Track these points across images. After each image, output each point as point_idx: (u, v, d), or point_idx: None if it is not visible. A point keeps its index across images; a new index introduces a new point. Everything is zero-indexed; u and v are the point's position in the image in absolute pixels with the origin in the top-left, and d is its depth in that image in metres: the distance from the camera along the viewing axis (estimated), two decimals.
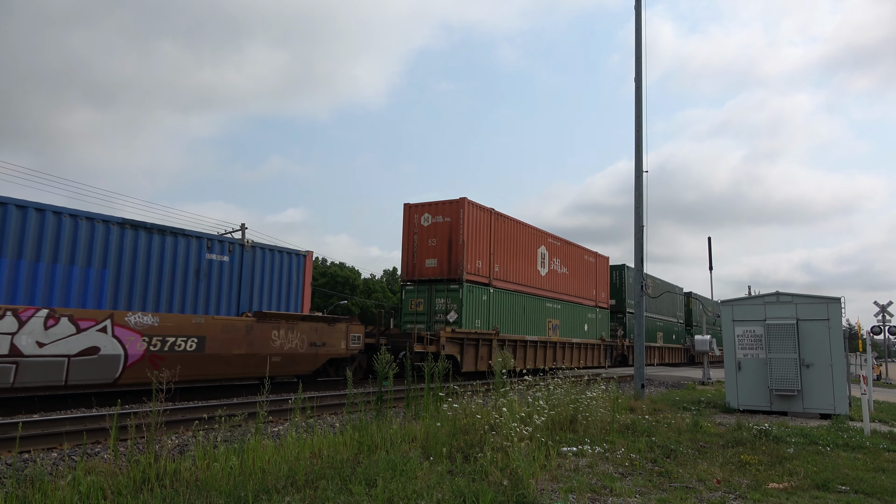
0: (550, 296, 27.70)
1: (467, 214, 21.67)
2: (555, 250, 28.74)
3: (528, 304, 25.50)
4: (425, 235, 22.28)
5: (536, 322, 26.08)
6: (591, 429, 9.64)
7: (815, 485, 6.96)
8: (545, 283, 27.33)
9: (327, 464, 6.52)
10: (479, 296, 22.00)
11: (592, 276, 32.94)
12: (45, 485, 5.27)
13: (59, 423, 8.84)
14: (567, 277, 29.62)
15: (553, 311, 27.98)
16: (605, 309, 34.41)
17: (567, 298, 29.42)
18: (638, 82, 18.07)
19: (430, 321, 21.28)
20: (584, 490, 6.24)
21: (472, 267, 21.74)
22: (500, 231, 23.76)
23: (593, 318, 32.45)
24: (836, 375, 13.67)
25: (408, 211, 22.84)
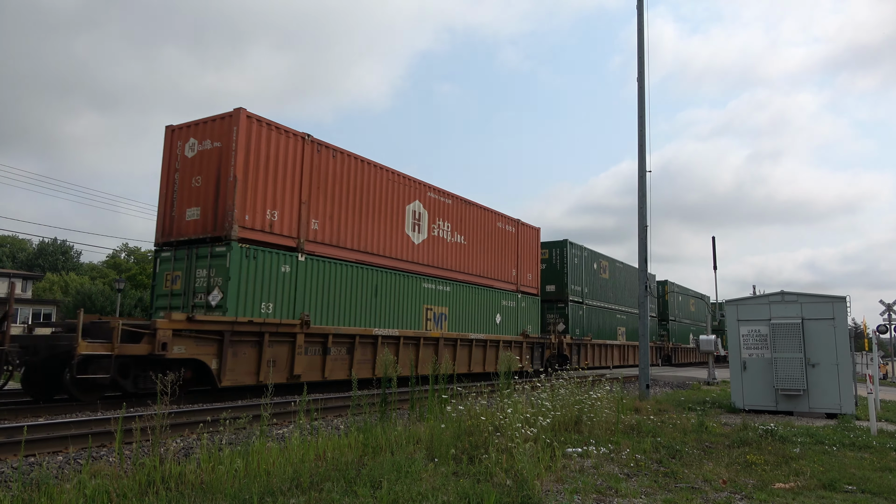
0: (431, 273, 20.11)
1: (246, 135, 14.30)
2: (441, 210, 21.00)
3: (385, 284, 18.06)
4: (189, 171, 15.04)
5: (403, 310, 18.82)
6: (596, 429, 9.62)
7: (822, 484, 6.93)
8: (421, 254, 19.78)
9: (332, 466, 6.52)
10: (270, 265, 14.63)
11: (511, 252, 25.24)
12: (51, 488, 5.28)
13: (64, 427, 8.86)
14: (465, 250, 22.03)
15: (436, 294, 20.31)
16: (531, 296, 26.60)
17: (464, 278, 21.85)
18: (640, 82, 18.05)
19: (188, 303, 14.33)
20: (589, 491, 6.23)
21: (257, 219, 14.52)
22: (327, 171, 16.46)
23: (512, 306, 24.83)
24: (842, 375, 13.63)
25: (169, 138, 15.61)
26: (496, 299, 23.90)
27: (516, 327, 25.02)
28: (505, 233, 24.96)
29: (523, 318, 25.67)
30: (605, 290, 34.16)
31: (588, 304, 31.39)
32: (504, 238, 24.86)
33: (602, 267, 34.09)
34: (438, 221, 20.82)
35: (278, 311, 14.80)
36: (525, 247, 26.38)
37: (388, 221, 18.58)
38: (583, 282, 31.23)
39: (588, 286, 31.59)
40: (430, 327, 20.02)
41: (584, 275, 31.56)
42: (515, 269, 25.45)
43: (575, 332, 29.56)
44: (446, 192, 21.50)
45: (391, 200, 18.84)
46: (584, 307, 30.93)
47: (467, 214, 22.57)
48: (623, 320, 36.64)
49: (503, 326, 24.15)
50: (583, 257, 31.60)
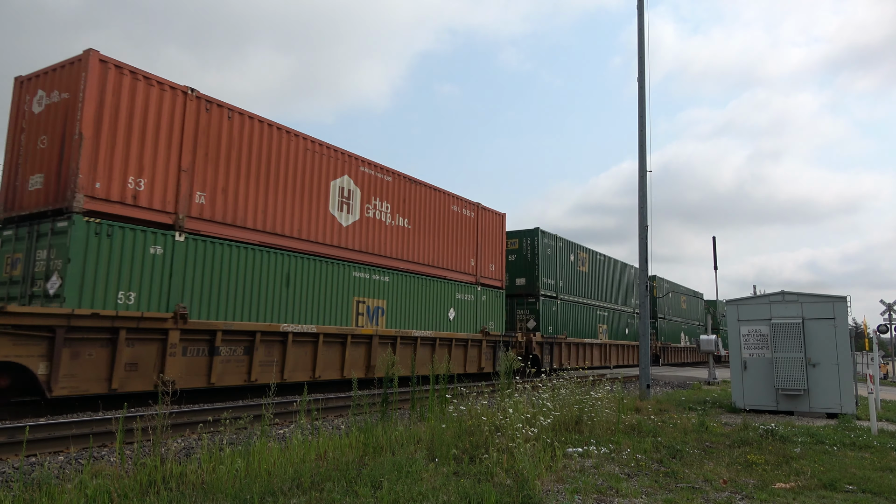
0: (364, 260, 17.22)
1: (99, 85, 11.51)
2: (378, 188, 17.95)
3: (301, 272, 15.16)
4: (35, 131, 12.25)
5: (327, 303, 15.84)
6: (597, 429, 9.63)
7: (822, 484, 6.93)
8: (351, 238, 16.80)
9: (333, 466, 6.52)
10: (134, 246, 11.85)
11: (470, 239, 22.11)
12: (52, 488, 5.29)
13: (65, 427, 8.87)
14: (409, 235, 19.08)
15: (371, 285, 17.40)
16: (495, 289, 23.47)
17: (408, 267, 18.90)
18: (641, 82, 18.06)
19: (27, 292, 11.42)
20: (589, 491, 6.23)
21: (114, 188, 11.68)
22: (219, 134, 13.58)
23: (470, 300, 21.70)
24: (843, 374, 13.62)
25: (18, 91, 12.88)
26: (449, 292, 20.70)
27: (475, 324, 21.83)
28: (462, 217, 21.75)
29: (484, 313, 22.53)
30: (584, 284, 31.07)
31: (563, 299, 28.58)
32: (460, 223, 21.66)
33: (580, 259, 31.18)
34: (374, 201, 17.73)
35: (144, 303, 11.86)
36: (487, 234, 23.27)
37: (305, 199, 15.40)
38: (557, 275, 28.14)
39: (563, 280, 28.70)
40: (363, 323, 16.91)
41: (559, 267, 28.58)
42: (474, 259, 22.19)
43: (547, 329, 26.32)
44: (385, 167, 18.35)
45: (310, 174, 15.68)
46: (558, 302, 27.93)
47: (413, 195, 19.43)
48: (605, 317, 33.30)
49: (458, 323, 21.04)
50: (557, 248, 28.49)
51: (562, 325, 27.91)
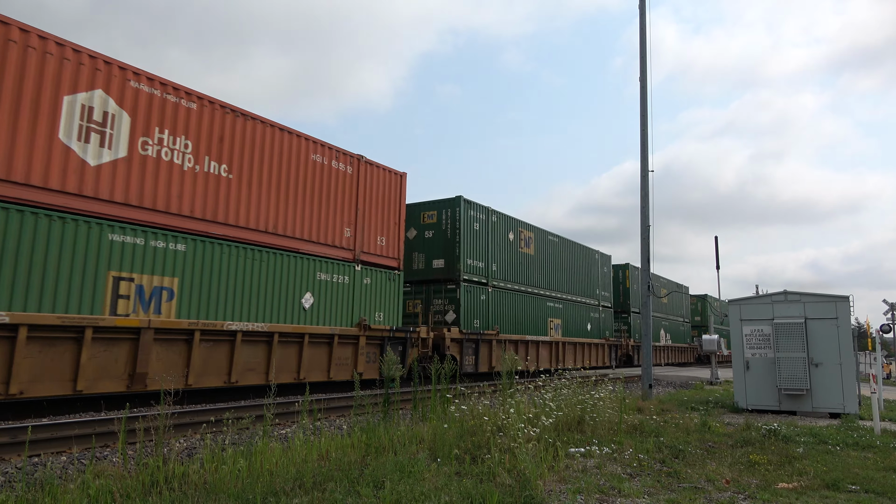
0: (135, 218, 11.92)
1: None
2: (167, 116, 12.72)
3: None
4: None
5: (59, 281, 10.65)
6: (599, 429, 9.62)
7: (825, 484, 6.92)
8: (107, 184, 11.60)
9: (335, 466, 6.53)
10: None
11: (345, 202, 16.75)
12: (55, 488, 5.30)
13: (68, 427, 8.88)
14: (232, 188, 13.84)
15: (148, 255, 12.11)
16: (386, 269, 17.96)
17: (227, 233, 13.63)
18: (643, 81, 18.04)
19: None
20: (592, 491, 6.23)
21: None
22: None
23: (342, 283, 16.31)
24: (846, 374, 13.60)
25: None
26: (304, 270, 15.23)
27: (349, 314, 16.38)
28: (330, 172, 16.32)
29: (367, 301, 17.05)
30: (529, 269, 25.64)
31: (498, 286, 23.29)
32: (328, 180, 16.25)
33: (524, 239, 25.70)
34: (161, 135, 12.53)
35: None
36: (375, 198, 17.84)
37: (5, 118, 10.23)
38: (488, 256, 22.69)
39: (498, 263, 23.47)
40: (126, 310, 11.55)
41: (492, 247, 23.13)
42: (352, 229, 16.82)
43: (472, 323, 21.30)
44: (186, 89, 13.11)
45: (18, 81, 10.48)
46: (488, 290, 22.53)
47: (239, 133, 14.05)
48: (558, 311, 27.86)
49: (319, 312, 15.55)
50: (489, 223, 23.03)
51: (494, 317, 22.84)
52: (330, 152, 16.55)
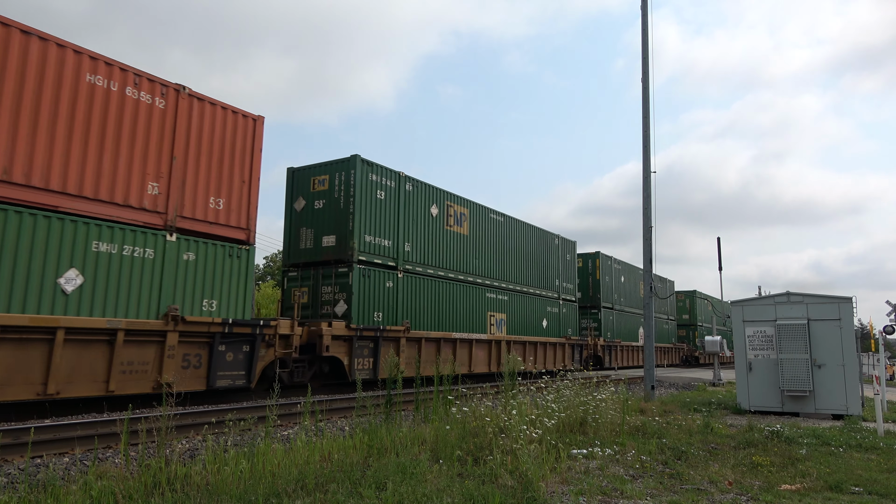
0: None
1: None
2: None
3: None
4: None
5: None
6: (602, 431, 9.61)
7: (828, 486, 6.90)
8: None
9: (337, 467, 6.52)
10: None
11: (147, 145, 12.21)
12: (58, 489, 5.30)
13: (70, 428, 8.89)
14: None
15: None
16: (232, 243, 13.55)
17: None
18: (645, 82, 18.02)
19: None
20: (594, 492, 6.22)
21: None
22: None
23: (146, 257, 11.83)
24: (849, 376, 13.57)
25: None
26: (69, 238, 10.79)
27: (155, 302, 11.88)
28: (124, 103, 11.90)
29: (190, 284, 12.51)
30: (459, 252, 21.11)
31: (413, 271, 18.96)
32: (120, 113, 11.83)
33: (454, 215, 21.07)
34: None
35: None
36: (207, 144, 13.36)
37: None
38: (399, 232, 18.46)
39: (413, 242, 19.12)
40: None
41: (407, 222, 18.83)
42: (162, 184, 12.46)
43: (372, 317, 17.11)
44: None
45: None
46: (396, 276, 18.13)
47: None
48: (502, 303, 23.27)
49: (95, 298, 11.03)
50: (401, 192, 18.75)
51: (407, 310, 18.61)
52: (124, 75, 12.05)
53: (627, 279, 36.85)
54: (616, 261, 35.21)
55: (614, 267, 34.91)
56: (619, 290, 35.36)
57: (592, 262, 33.38)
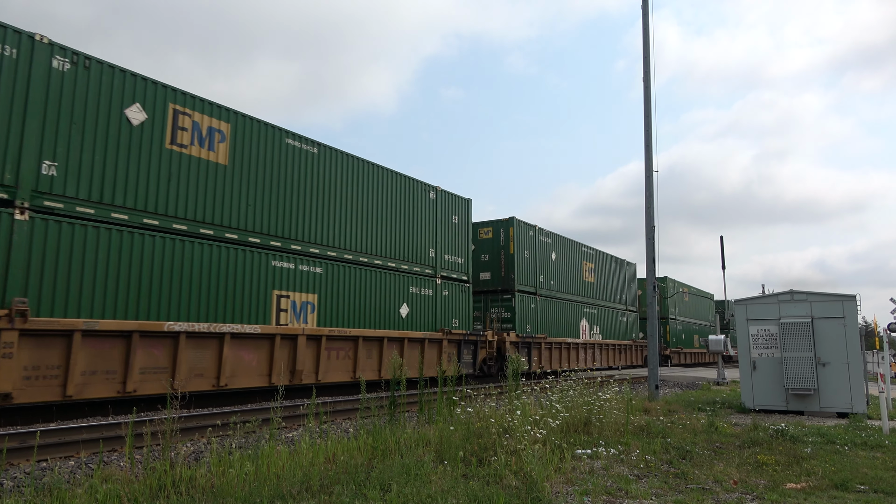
0: None
1: None
2: None
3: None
4: None
5: None
6: (606, 431, 9.60)
7: (834, 484, 6.89)
8: None
9: (342, 469, 6.53)
10: None
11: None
12: (63, 493, 5.32)
13: (75, 432, 8.91)
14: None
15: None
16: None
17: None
18: (646, 82, 18.01)
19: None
20: (599, 492, 6.21)
21: None
22: None
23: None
24: (853, 374, 13.53)
25: None
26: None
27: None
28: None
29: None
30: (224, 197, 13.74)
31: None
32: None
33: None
34: None
35: None
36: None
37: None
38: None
39: None
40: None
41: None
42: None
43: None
44: None
45: None
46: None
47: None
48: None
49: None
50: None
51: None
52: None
53: (562, 256, 28.08)
54: (543, 231, 26.52)
55: (540, 240, 26.03)
56: (547, 271, 26.58)
57: (505, 232, 24.38)
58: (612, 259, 33.50)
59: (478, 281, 23.94)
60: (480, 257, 24.44)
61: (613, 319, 32.93)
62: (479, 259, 24.45)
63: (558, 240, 28.07)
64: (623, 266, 35.02)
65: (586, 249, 30.77)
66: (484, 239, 24.85)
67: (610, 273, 33.06)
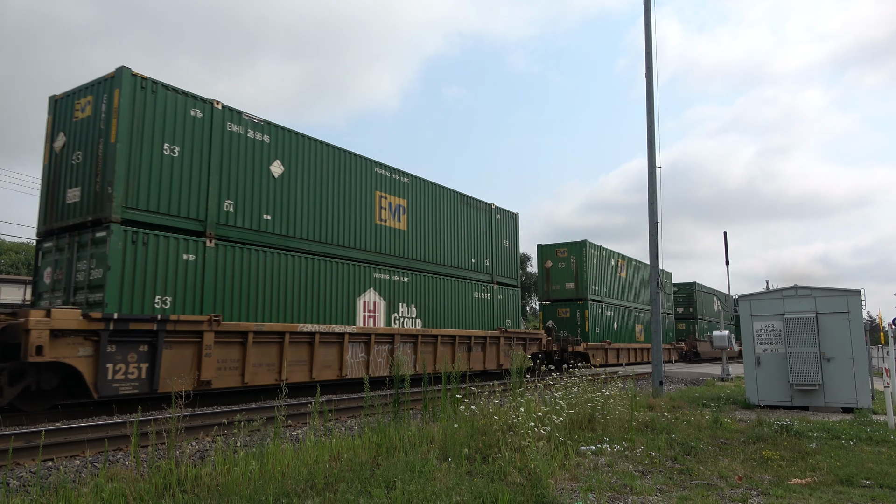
0: None
1: None
2: None
3: None
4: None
5: None
6: (610, 427, 9.59)
7: (839, 480, 6.87)
8: None
9: (346, 467, 6.54)
10: None
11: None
12: (69, 492, 5.34)
13: (81, 431, 8.95)
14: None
15: None
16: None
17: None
18: (649, 77, 17.97)
19: None
20: (603, 489, 6.21)
21: None
22: None
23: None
24: (858, 369, 13.49)
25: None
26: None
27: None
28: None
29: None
30: None
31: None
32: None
33: None
34: None
35: None
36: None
37: None
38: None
39: None
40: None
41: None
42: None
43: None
44: None
45: None
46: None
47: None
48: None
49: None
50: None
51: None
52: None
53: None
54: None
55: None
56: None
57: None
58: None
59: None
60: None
61: None
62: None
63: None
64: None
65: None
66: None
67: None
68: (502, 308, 23.70)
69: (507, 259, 24.61)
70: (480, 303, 22.41)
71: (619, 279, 33.41)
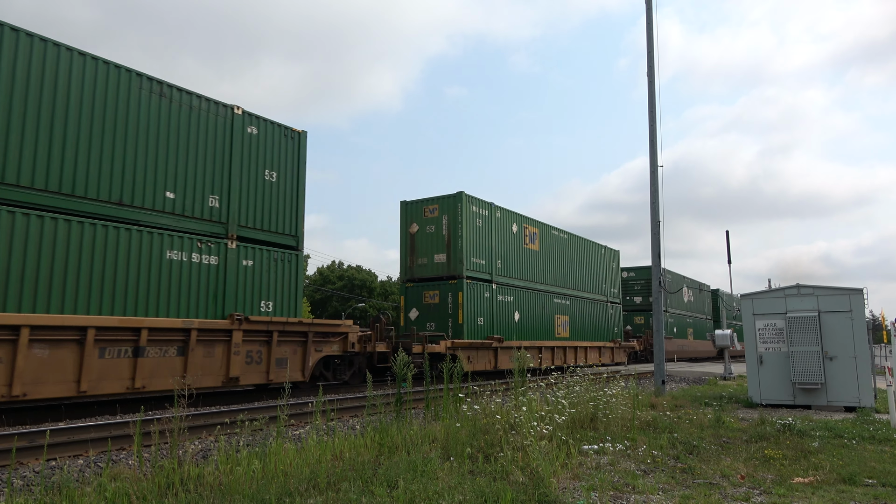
0: None
1: None
2: None
3: None
4: None
5: None
6: (612, 426, 9.59)
7: (842, 478, 6.87)
8: None
9: (349, 466, 6.55)
10: None
11: None
12: (72, 491, 5.35)
13: (84, 431, 8.97)
14: None
15: None
16: None
17: None
18: (650, 77, 17.95)
19: None
20: (606, 488, 6.21)
21: None
22: None
23: None
24: (861, 367, 13.48)
25: None
26: None
27: None
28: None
29: None
30: None
31: None
32: None
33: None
34: None
35: None
36: None
37: None
38: None
39: None
40: None
41: None
42: None
43: None
44: None
45: None
46: None
47: None
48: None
49: None
50: None
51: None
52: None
53: None
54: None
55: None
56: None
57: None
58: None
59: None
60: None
61: None
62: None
63: None
64: None
65: None
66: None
67: None
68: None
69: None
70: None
71: (525, 252, 24.29)
